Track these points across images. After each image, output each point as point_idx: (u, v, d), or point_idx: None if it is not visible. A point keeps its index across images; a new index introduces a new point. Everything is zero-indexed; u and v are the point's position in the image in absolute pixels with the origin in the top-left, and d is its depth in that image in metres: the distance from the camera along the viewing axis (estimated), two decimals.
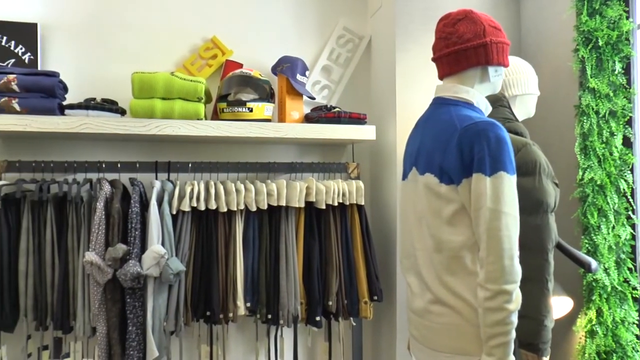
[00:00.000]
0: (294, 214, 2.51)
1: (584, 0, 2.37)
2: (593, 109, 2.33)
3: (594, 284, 2.28)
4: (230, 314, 2.37)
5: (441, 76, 1.78)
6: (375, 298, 2.57)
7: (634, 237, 2.27)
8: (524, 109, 2.14)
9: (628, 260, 2.26)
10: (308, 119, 2.67)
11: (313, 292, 2.47)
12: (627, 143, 2.29)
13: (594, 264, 2.06)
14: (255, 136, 2.43)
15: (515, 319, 1.49)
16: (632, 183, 2.26)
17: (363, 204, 2.60)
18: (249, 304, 2.41)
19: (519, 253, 1.54)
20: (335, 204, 2.52)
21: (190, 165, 2.55)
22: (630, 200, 2.27)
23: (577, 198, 2.38)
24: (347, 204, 2.57)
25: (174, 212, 2.34)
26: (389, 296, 2.72)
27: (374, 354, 2.94)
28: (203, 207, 2.37)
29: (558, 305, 2.20)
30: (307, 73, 2.71)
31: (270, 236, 2.48)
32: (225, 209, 2.38)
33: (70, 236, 2.22)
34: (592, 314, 2.29)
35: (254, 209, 2.43)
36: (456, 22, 1.70)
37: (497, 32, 1.71)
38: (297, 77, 2.60)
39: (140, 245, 2.23)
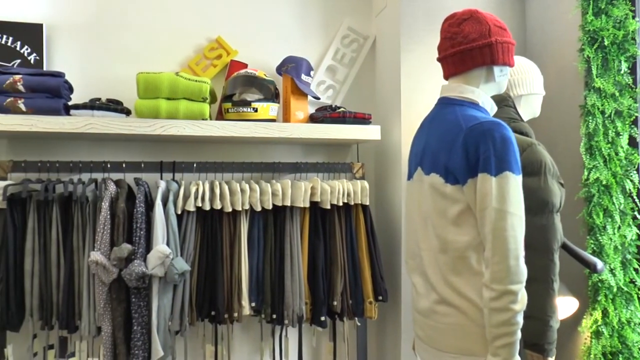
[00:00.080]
0: (298, 214, 2.51)
1: (590, 0, 2.36)
2: (599, 108, 2.32)
3: (599, 285, 2.27)
4: (235, 314, 2.37)
5: (446, 76, 1.78)
6: (380, 298, 2.57)
7: (639, 237, 2.27)
8: (529, 109, 2.14)
9: (634, 260, 2.25)
10: (313, 119, 2.67)
11: (318, 292, 2.47)
12: (633, 143, 2.29)
13: (599, 264, 2.05)
14: (260, 136, 2.43)
15: (520, 319, 1.49)
16: (638, 183, 2.25)
17: (368, 204, 2.59)
18: (253, 304, 2.41)
19: (525, 253, 1.54)
20: (340, 204, 2.52)
21: (195, 165, 2.55)
22: (636, 200, 2.26)
23: (583, 198, 2.38)
24: (352, 204, 2.57)
25: (179, 212, 2.34)
26: (393, 296, 2.72)
27: (378, 354, 2.94)
28: (208, 207, 2.37)
29: (563, 306, 2.20)
30: (312, 73, 2.71)
31: (275, 236, 2.48)
32: (230, 209, 2.38)
33: (76, 236, 2.23)
34: (598, 314, 2.28)
35: (258, 209, 2.43)
36: (461, 22, 1.70)
37: (503, 32, 1.71)
38: (302, 77, 2.60)
39: (145, 245, 2.24)
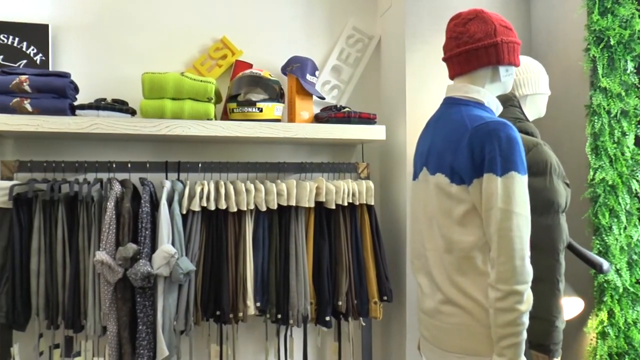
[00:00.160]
0: (303, 213, 2.51)
1: None
2: (604, 108, 2.31)
3: (605, 285, 2.27)
4: (240, 314, 2.37)
5: (452, 76, 1.78)
6: (385, 298, 2.57)
7: None
8: (535, 109, 2.13)
9: None
10: (318, 119, 2.67)
11: (323, 292, 2.46)
12: (639, 143, 2.28)
13: (605, 264, 2.04)
14: (265, 136, 2.43)
15: (526, 319, 1.48)
16: None
17: (373, 204, 2.59)
18: (258, 304, 2.41)
19: (530, 253, 1.53)
20: (345, 204, 2.52)
21: (200, 165, 2.56)
22: None
23: (588, 198, 2.37)
24: (357, 204, 2.56)
25: (184, 212, 2.35)
26: (398, 296, 2.71)
27: (383, 354, 2.94)
28: (213, 207, 2.37)
29: (569, 306, 2.19)
30: (317, 73, 2.71)
31: (280, 236, 2.48)
32: (235, 209, 2.39)
33: (81, 236, 2.23)
34: (604, 315, 2.27)
35: (263, 208, 2.43)
36: (467, 22, 1.70)
37: (508, 32, 1.71)
38: (307, 77, 2.60)
39: (151, 245, 2.24)
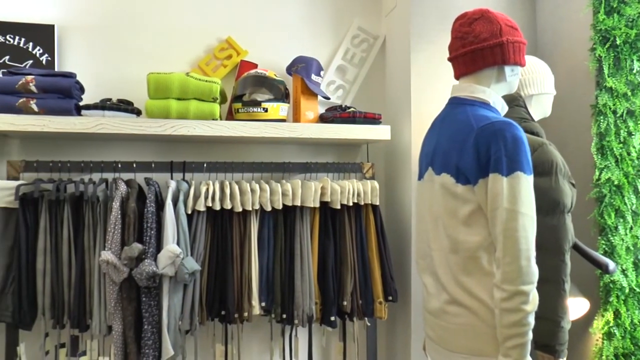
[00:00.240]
0: (308, 214, 2.51)
1: None
2: (610, 108, 2.30)
3: (611, 286, 2.26)
4: (245, 314, 2.37)
5: (457, 76, 1.78)
6: (390, 298, 2.56)
7: None
8: (540, 109, 2.13)
9: None
10: (323, 119, 2.66)
11: (328, 292, 2.47)
12: None
13: (611, 265, 2.04)
14: (270, 136, 2.44)
15: (532, 320, 1.48)
16: None
17: (378, 204, 2.59)
18: (263, 304, 2.42)
19: (535, 254, 1.53)
20: (350, 204, 2.52)
21: (205, 165, 2.56)
22: None
23: (594, 198, 2.36)
24: (362, 204, 2.56)
25: (189, 212, 2.35)
26: (403, 296, 2.71)
27: (388, 354, 2.93)
28: (218, 207, 2.38)
29: (574, 307, 2.19)
30: (322, 73, 2.71)
31: (285, 236, 2.48)
32: (240, 209, 2.39)
33: (87, 235, 2.24)
34: (610, 315, 2.26)
35: (269, 208, 2.43)
36: (472, 22, 1.70)
37: (514, 32, 1.71)
38: (312, 77, 2.60)
39: (156, 245, 2.25)
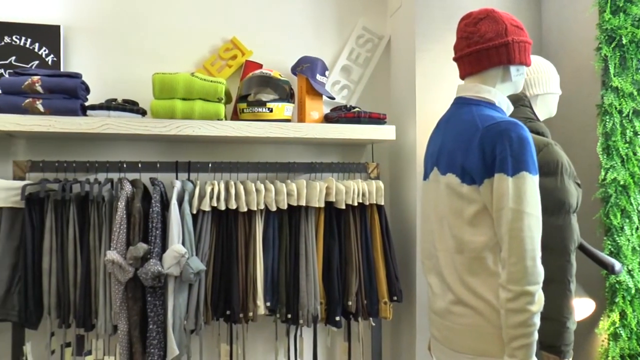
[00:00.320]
0: (313, 213, 2.51)
1: None
2: (616, 108, 2.30)
3: (617, 286, 2.25)
4: (250, 313, 2.38)
5: (463, 76, 1.77)
6: (394, 298, 2.56)
7: None
8: (546, 109, 2.12)
9: None
10: (328, 119, 2.67)
11: (333, 292, 2.47)
12: None
13: (617, 265, 2.03)
14: (275, 136, 2.44)
15: (537, 320, 1.48)
16: None
17: (383, 204, 2.59)
18: (268, 304, 2.42)
19: (541, 254, 1.53)
20: (355, 204, 2.52)
21: (210, 165, 2.56)
22: None
23: (600, 198, 2.35)
24: (367, 204, 2.56)
25: (194, 212, 2.36)
26: (408, 296, 2.71)
27: (393, 355, 2.93)
28: (223, 207, 2.38)
29: (580, 307, 2.18)
30: (327, 73, 2.71)
31: (290, 236, 2.48)
32: (245, 209, 2.39)
33: (92, 235, 2.25)
34: (616, 316, 2.26)
35: (274, 208, 2.43)
36: (478, 22, 1.69)
37: (519, 31, 1.70)
38: (317, 77, 2.60)
39: (161, 245, 2.25)
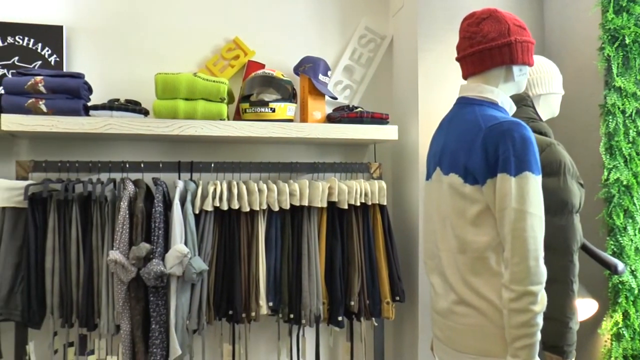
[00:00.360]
0: (316, 213, 2.51)
1: None
2: (619, 108, 2.29)
3: (620, 286, 2.25)
4: (253, 313, 2.38)
5: (465, 76, 1.77)
6: (397, 298, 2.56)
7: None
8: (548, 109, 2.12)
9: None
10: (330, 119, 2.66)
11: (335, 292, 2.47)
12: None
13: (620, 265, 2.03)
14: (277, 136, 2.44)
15: (540, 320, 1.48)
16: None
17: (385, 204, 2.59)
18: (271, 304, 2.42)
19: (544, 254, 1.52)
20: (358, 204, 2.52)
21: (212, 165, 2.56)
22: None
23: (603, 199, 2.35)
24: (370, 204, 2.56)
25: (197, 212, 2.36)
26: (411, 297, 2.71)
27: (395, 355, 2.93)
28: (226, 207, 2.38)
29: (583, 308, 2.18)
30: (329, 73, 2.71)
31: (292, 236, 2.48)
32: (247, 209, 2.39)
33: (95, 235, 2.25)
34: (619, 316, 2.25)
35: (276, 208, 2.43)
36: (480, 22, 1.69)
37: (522, 31, 1.70)
38: (319, 77, 2.60)
39: (164, 245, 2.25)
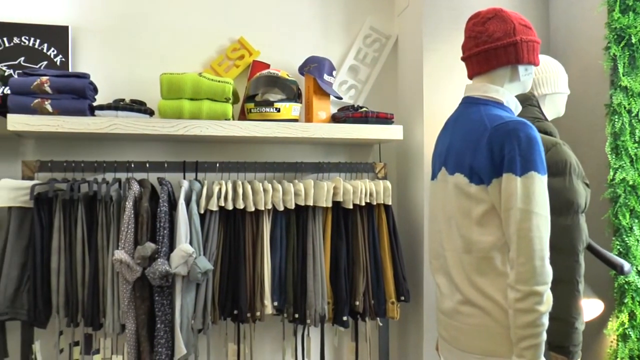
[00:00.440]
0: (321, 213, 2.51)
1: None
2: (625, 107, 2.28)
3: (626, 287, 2.24)
4: (258, 313, 2.38)
5: (471, 75, 1.77)
6: (402, 298, 2.56)
7: None
8: (554, 108, 2.12)
9: None
10: (335, 119, 2.66)
11: (340, 292, 2.46)
12: None
13: (626, 266, 2.02)
14: (282, 136, 2.44)
15: (546, 320, 1.47)
16: None
17: (390, 204, 2.58)
18: (276, 303, 2.42)
19: (549, 254, 1.52)
20: (363, 204, 2.52)
21: (217, 165, 2.57)
22: None
23: (608, 199, 2.34)
24: (375, 204, 2.56)
25: (202, 212, 2.36)
26: (416, 296, 2.71)
27: (400, 355, 2.93)
28: (231, 207, 2.38)
29: (589, 308, 2.17)
30: (334, 73, 2.71)
31: (297, 236, 2.48)
32: (252, 209, 2.39)
33: (100, 235, 2.26)
34: (625, 317, 2.24)
35: (281, 208, 2.43)
36: (486, 21, 1.69)
37: (528, 31, 1.70)
38: (324, 77, 2.60)
39: (169, 244, 2.26)
